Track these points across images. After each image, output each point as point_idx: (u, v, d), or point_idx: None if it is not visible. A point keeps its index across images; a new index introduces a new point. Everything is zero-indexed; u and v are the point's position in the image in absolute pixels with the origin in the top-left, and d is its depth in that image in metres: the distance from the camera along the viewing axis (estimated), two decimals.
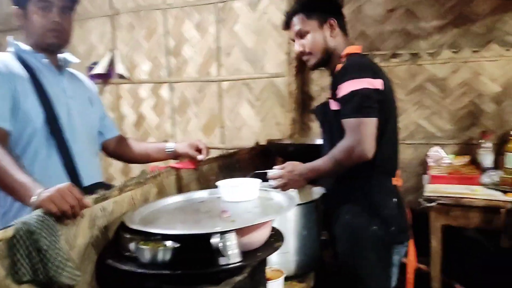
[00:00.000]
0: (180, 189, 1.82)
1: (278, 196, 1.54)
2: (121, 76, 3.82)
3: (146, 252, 1.19)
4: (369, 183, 1.65)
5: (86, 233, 1.27)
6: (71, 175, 1.55)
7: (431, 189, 2.45)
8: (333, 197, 1.75)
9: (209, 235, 1.15)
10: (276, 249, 1.31)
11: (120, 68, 3.80)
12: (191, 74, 3.59)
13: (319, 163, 1.64)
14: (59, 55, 1.68)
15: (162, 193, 1.69)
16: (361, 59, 1.67)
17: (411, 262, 2.21)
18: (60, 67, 1.66)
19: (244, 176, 2.32)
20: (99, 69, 3.78)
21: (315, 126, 3.29)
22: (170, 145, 1.81)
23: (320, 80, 3.25)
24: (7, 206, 1.48)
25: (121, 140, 1.90)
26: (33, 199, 1.13)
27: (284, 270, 1.66)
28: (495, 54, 2.77)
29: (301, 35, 1.72)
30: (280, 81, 3.25)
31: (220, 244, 1.15)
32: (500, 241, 1.93)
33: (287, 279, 1.66)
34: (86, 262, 1.28)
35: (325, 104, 1.71)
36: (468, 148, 2.90)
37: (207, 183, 2.03)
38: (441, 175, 2.62)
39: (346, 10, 3.07)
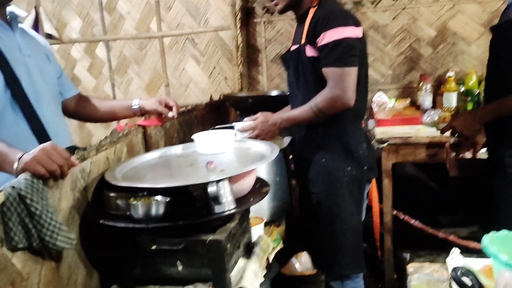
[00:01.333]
0: (148, 147, 1.76)
1: (256, 145, 1.56)
2: (49, 36, 3.50)
3: (139, 207, 1.16)
4: (343, 128, 1.71)
5: (69, 196, 1.21)
6: (42, 141, 1.43)
7: (380, 132, 2.60)
8: (306, 143, 1.79)
9: (205, 185, 1.15)
10: (265, 194, 1.34)
11: (47, 27, 3.48)
12: (129, 31, 3.40)
13: (298, 112, 1.66)
14: (8, 9, 1.49)
15: (132, 152, 1.64)
16: (339, 7, 1.69)
17: (375, 197, 2.38)
18: (10, 23, 1.49)
19: (203, 131, 2.31)
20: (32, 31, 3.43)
21: (263, 79, 3.31)
22: (136, 102, 1.72)
23: (265, 33, 3.23)
24: None
25: (82, 98, 1.77)
26: (15, 164, 1.04)
27: (261, 216, 1.71)
28: (430, 0, 2.92)
29: None
30: (226, 34, 3.19)
31: (218, 192, 1.16)
32: (449, 172, 2.12)
33: (265, 224, 1.71)
34: (71, 226, 1.22)
35: (298, 51, 1.70)
36: (408, 92, 3.10)
37: (170, 140, 1.99)
38: (386, 119, 2.78)
39: None
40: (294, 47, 1.75)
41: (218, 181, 1.16)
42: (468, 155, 2.02)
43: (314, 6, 1.68)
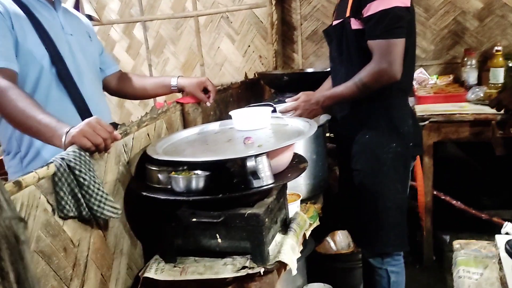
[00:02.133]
0: (186, 124, 1.79)
1: (293, 122, 1.54)
2: (90, 17, 3.58)
3: (180, 180, 1.18)
4: (388, 104, 1.67)
5: (114, 169, 1.25)
6: (85, 118, 1.48)
7: (421, 109, 2.51)
8: (349, 120, 1.75)
9: (244, 159, 1.16)
10: (303, 170, 1.33)
11: (87, 9, 3.55)
12: (165, 11, 3.41)
13: (341, 89, 1.62)
14: None
15: (171, 129, 1.66)
16: None
17: (420, 175, 2.32)
18: (53, 2, 1.53)
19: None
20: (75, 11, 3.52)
21: (297, 57, 3.27)
22: (175, 81, 1.73)
23: (300, 9, 3.17)
24: (24, 150, 1.42)
25: (123, 76, 1.81)
26: (63, 138, 1.08)
27: (298, 193, 1.71)
28: None
29: None
30: (260, 11, 3.15)
31: (256, 167, 1.16)
32: (495, 151, 2.04)
33: (301, 202, 1.71)
34: (116, 198, 1.26)
35: (343, 24, 1.66)
36: (450, 68, 2.97)
37: (207, 117, 2.01)
38: (428, 96, 2.68)
39: None
40: (338, 21, 1.70)
41: (256, 156, 1.16)
42: None
43: None
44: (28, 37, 1.37)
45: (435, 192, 2.57)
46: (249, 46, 3.26)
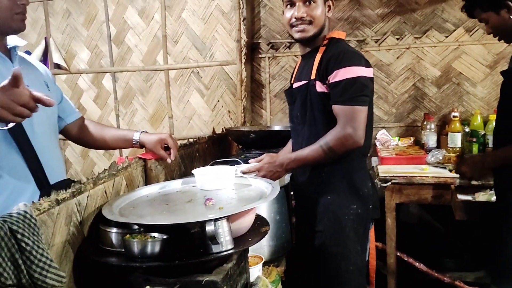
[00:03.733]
0: (148, 181, 1.74)
1: (256, 182, 1.53)
2: (58, 66, 3.56)
3: (134, 245, 1.13)
4: (349, 166, 1.69)
5: (63, 231, 1.18)
6: (37, 175, 1.42)
7: (383, 170, 2.56)
8: (310, 181, 1.76)
9: (203, 223, 1.12)
10: (264, 234, 1.30)
11: (56, 58, 3.54)
12: (136, 63, 3.44)
13: (307, 152, 1.63)
14: (7, 39, 1.50)
15: (131, 185, 1.61)
16: (350, 47, 1.71)
17: (372, 238, 2.31)
18: (9, 52, 1.50)
19: (204, 165, 2.29)
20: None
21: (266, 113, 3.32)
22: (137, 137, 1.70)
23: (269, 68, 3.27)
24: None
25: (84, 124, 1.77)
26: None
27: (260, 255, 1.66)
28: (434, 40, 2.95)
29: (307, 2, 1.64)
30: (231, 68, 3.22)
31: (216, 231, 1.12)
32: (455, 215, 2.07)
33: (263, 264, 1.66)
34: (64, 262, 1.18)
35: (307, 86, 1.70)
36: (411, 130, 3.09)
37: (171, 173, 1.97)
38: (390, 157, 2.75)
39: None
40: (301, 83, 1.74)
41: (216, 220, 1.13)
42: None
43: (324, 44, 1.70)
44: None
45: (398, 254, 2.57)
46: (218, 101, 3.30)
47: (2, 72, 1.42)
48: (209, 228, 1.11)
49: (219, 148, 2.68)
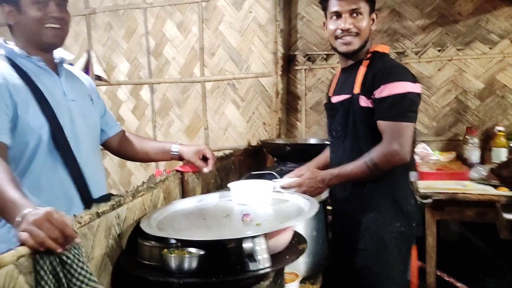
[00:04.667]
0: (185, 193, 1.75)
1: (294, 198, 1.50)
2: (98, 78, 3.67)
3: (172, 260, 1.12)
4: (392, 182, 1.65)
5: (102, 243, 1.20)
6: (81, 190, 1.45)
7: (423, 186, 2.47)
8: (351, 198, 1.71)
9: (240, 240, 1.10)
10: (302, 252, 1.27)
11: (97, 70, 3.66)
12: (173, 75, 3.50)
13: (349, 168, 1.59)
14: (55, 53, 1.55)
15: (168, 198, 1.62)
16: (396, 61, 1.68)
17: (414, 256, 2.24)
18: (56, 66, 1.53)
19: (240, 177, 2.28)
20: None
21: (301, 126, 3.29)
22: (176, 148, 1.73)
23: (305, 80, 3.24)
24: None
25: (124, 137, 1.80)
26: (17, 219, 0.96)
27: (296, 272, 1.63)
28: (478, 52, 2.85)
29: (354, 14, 1.61)
30: (266, 80, 3.22)
31: (253, 248, 1.11)
32: (500, 234, 1.97)
33: (300, 281, 1.63)
34: (102, 275, 1.20)
35: (351, 100, 1.66)
36: (452, 144, 2.98)
37: (207, 186, 1.97)
38: (431, 172, 2.66)
39: None
40: (343, 96, 1.71)
41: (254, 237, 1.11)
42: None
43: (368, 58, 1.66)
44: (29, 108, 1.36)
45: (438, 273, 2.46)
46: (253, 112, 3.31)
47: (49, 86, 1.46)
48: (246, 245, 1.10)
49: (254, 160, 2.67)
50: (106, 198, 1.43)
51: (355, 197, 1.69)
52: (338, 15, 1.63)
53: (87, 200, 1.46)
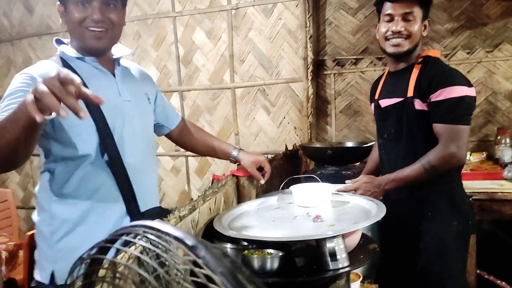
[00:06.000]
0: (240, 198, 1.80)
1: (354, 199, 1.55)
2: None
3: (255, 260, 1.18)
4: (448, 182, 1.70)
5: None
6: (129, 202, 1.41)
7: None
8: (408, 198, 1.75)
9: (323, 240, 1.15)
10: (374, 251, 1.32)
11: None
12: (203, 82, 3.56)
13: (406, 172, 1.63)
14: (112, 50, 1.47)
15: (227, 202, 1.68)
16: (451, 66, 1.72)
17: None
18: (113, 64, 1.47)
19: (281, 181, 2.33)
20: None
21: (331, 130, 3.34)
22: (235, 153, 1.76)
23: (335, 84, 3.29)
24: (55, 226, 1.36)
25: (185, 128, 1.81)
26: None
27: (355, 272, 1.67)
28: (507, 54, 2.89)
29: (407, 17, 1.66)
30: (296, 86, 3.28)
31: (335, 248, 1.16)
32: None
33: None
34: None
35: (404, 104, 1.71)
36: (483, 145, 3.01)
37: (257, 190, 2.02)
38: (465, 172, 2.69)
39: (361, 15, 3.15)
40: (395, 100, 1.75)
41: (334, 237, 1.16)
42: None
43: (419, 62, 1.71)
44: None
45: (478, 271, 2.50)
46: (284, 117, 3.36)
47: (103, 87, 1.39)
48: (330, 245, 1.15)
49: (292, 164, 2.72)
50: (156, 211, 1.46)
51: (412, 198, 1.73)
52: (391, 17, 1.68)
53: (134, 213, 1.42)
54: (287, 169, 2.64)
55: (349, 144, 2.72)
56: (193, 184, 3.69)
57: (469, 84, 1.62)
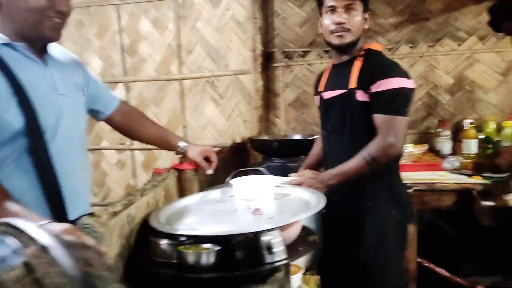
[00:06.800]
0: (182, 192, 1.75)
1: (295, 191, 1.54)
2: None
3: (190, 256, 1.13)
4: (388, 172, 1.72)
5: (116, 243, 1.19)
6: (56, 210, 1.25)
7: (403, 177, 2.58)
8: (349, 188, 1.75)
9: (258, 233, 1.13)
10: (313, 243, 1.32)
11: None
12: (149, 73, 3.45)
13: (348, 165, 1.63)
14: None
15: (167, 196, 1.62)
16: (391, 59, 1.74)
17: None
18: (42, 51, 1.32)
19: (227, 174, 2.29)
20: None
21: (280, 122, 3.34)
22: (182, 145, 1.70)
23: (283, 77, 3.29)
24: None
25: (128, 114, 1.69)
26: None
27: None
28: (447, 48, 3.00)
29: (349, 9, 1.67)
30: (246, 78, 3.24)
31: (271, 241, 1.14)
32: (481, 221, 2.09)
33: None
34: (115, 274, 1.18)
35: (347, 95, 1.71)
36: (425, 137, 3.11)
37: (201, 183, 1.98)
38: (407, 163, 2.77)
39: (308, 7, 3.16)
40: (338, 91, 1.75)
41: (270, 230, 1.14)
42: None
43: (362, 55, 1.72)
44: (10, 105, 1.19)
45: (419, 260, 2.58)
46: (233, 110, 3.32)
47: (37, 79, 1.27)
48: (265, 238, 1.13)
49: (239, 157, 2.69)
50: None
51: (353, 191, 1.74)
52: (333, 9, 1.68)
53: (61, 222, 1.27)
54: (234, 162, 2.61)
55: (297, 136, 2.72)
56: (139, 178, 3.58)
57: (407, 77, 1.65)
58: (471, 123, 2.74)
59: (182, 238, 1.24)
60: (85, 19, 3.50)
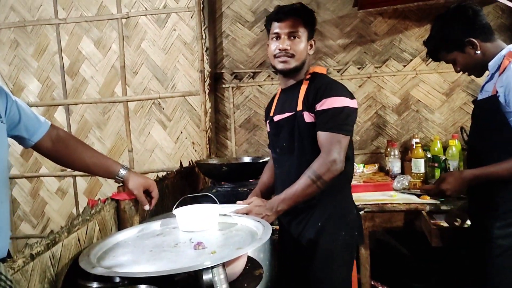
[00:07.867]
0: (121, 223, 1.61)
1: (242, 220, 1.45)
2: None
3: None
4: (338, 193, 1.69)
5: None
6: None
7: (354, 198, 2.55)
8: (299, 209, 1.69)
9: (199, 271, 1.02)
10: (259, 278, 1.22)
11: None
12: (92, 95, 3.28)
13: (296, 186, 1.57)
14: None
15: (104, 230, 1.48)
16: (335, 80, 1.73)
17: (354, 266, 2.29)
18: None
19: (175, 201, 2.17)
20: None
21: (231, 144, 3.26)
22: (123, 173, 1.54)
23: (233, 98, 3.23)
24: None
25: (59, 138, 1.53)
26: None
27: None
28: (393, 69, 3.06)
29: (292, 36, 1.67)
30: (194, 99, 3.15)
31: (213, 279, 1.03)
32: (431, 242, 2.08)
33: None
34: None
35: (295, 117, 1.69)
36: (375, 157, 3.14)
37: (143, 213, 1.84)
38: (358, 184, 2.77)
39: (257, 29, 3.14)
40: (286, 114, 1.74)
41: (212, 267, 1.04)
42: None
43: (307, 78, 1.73)
44: None
45: (372, 283, 2.55)
46: (181, 132, 3.20)
47: None
48: (206, 276, 1.02)
49: (187, 182, 2.57)
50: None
51: (302, 211, 1.69)
52: (277, 36, 1.70)
53: None
54: (183, 188, 2.49)
55: (247, 159, 2.65)
56: (82, 206, 3.35)
57: (351, 96, 1.65)
58: (417, 143, 2.78)
59: (116, 280, 1.12)
60: (21, 39, 3.29)
